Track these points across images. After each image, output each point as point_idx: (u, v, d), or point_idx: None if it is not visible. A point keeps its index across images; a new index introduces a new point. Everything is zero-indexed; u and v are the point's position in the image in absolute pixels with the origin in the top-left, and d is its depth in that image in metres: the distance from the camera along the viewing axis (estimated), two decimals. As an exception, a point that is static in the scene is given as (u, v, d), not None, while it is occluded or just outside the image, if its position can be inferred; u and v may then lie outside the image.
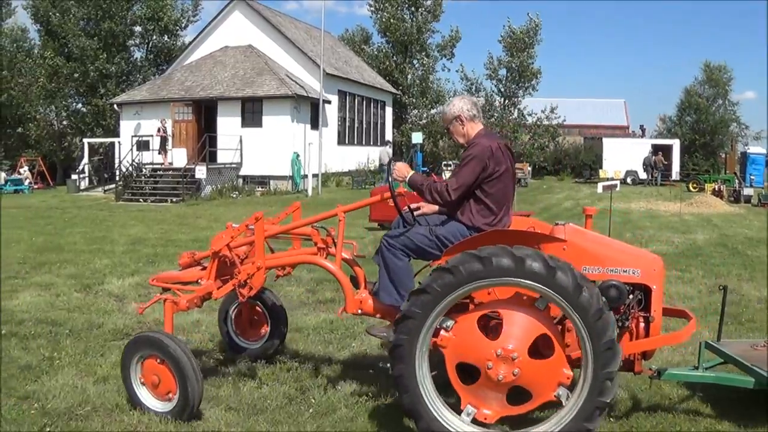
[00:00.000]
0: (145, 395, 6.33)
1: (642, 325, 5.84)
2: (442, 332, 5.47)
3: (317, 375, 7.41)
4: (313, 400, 6.58)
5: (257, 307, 8.09)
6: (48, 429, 5.98)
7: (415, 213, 6.39)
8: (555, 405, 5.50)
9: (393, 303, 6.09)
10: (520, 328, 5.37)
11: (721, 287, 6.96)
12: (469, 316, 5.52)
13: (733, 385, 6.35)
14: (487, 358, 5.29)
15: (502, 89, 61.40)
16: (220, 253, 6.86)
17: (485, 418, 5.44)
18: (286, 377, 7.33)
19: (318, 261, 6.83)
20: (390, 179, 6.34)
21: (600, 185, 19.79)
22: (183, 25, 61.09)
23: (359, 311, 6.41)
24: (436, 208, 6.46)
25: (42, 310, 10.26)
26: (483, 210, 6.04)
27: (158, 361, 6.15)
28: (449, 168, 45.51)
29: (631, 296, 5.72)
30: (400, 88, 59.40)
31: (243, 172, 40.62)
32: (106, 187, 41.47)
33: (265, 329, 8.08)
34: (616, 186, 19.75)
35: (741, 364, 6.36)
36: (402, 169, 6.33)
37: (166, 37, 60.21)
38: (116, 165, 41.52)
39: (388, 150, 43.57)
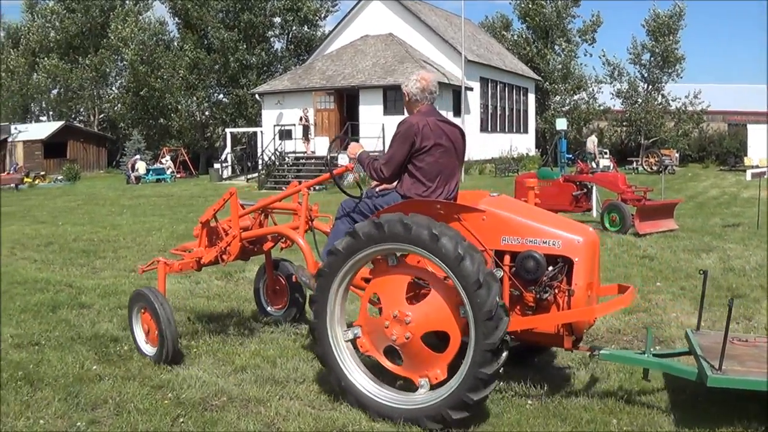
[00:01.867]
0: (141, 340, 7.43)
1: (565, 298, 5.86)
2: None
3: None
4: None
5: (280, 278, 8.88)
6: (181, 420, 5.74)
7: (378, 189, 6.84)
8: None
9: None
10: (432, 307, 5.63)
11: (701, 272, 6.55)
12: (403, 277, 5.86)
13: (676, 375, 5.93)
14: (386, 317, 5.72)
15: (646, 74, 59.60)
16: (209, 224, 7.97)
17: (362, 346, 6.01)
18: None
19: (287, 232, 7.63)
20: (329, 156, 7.29)
21: (749, 173, 18.93)
22: (322, 15, 61.82)
23: None
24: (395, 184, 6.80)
25: (181, 297, 10.15)
26: (415, 183, 6.33)
27: (151, 316, 7.14)
28: (604, 156, 43.96)
29: (551, 268, 5.82)
30: (542, 74, 58.23)
31: (386, 159, 40.21)
32: (249, 176, 42.37)
33: (286, 298, 8.89)
34: (765, 173, 18.78)
35: (694, 353, 5.93)
36: (353, 148, 6.85)
37: (305, 28, 61.02)
38: (259, 154, 42.21)
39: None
